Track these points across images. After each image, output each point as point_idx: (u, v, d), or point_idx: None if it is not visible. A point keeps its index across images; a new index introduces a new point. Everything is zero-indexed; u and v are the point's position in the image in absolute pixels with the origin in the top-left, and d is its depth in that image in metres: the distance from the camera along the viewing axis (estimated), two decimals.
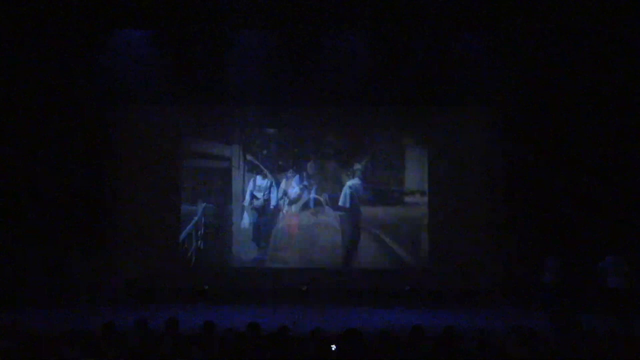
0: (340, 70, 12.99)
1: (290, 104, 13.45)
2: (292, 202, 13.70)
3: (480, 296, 12.82)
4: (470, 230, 13.31)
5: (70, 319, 9.80)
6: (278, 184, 13.62)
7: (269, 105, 13.44)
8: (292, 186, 13.73)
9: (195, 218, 13.43)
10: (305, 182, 13.71)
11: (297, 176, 13.71)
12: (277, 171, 13.63)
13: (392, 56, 12.98)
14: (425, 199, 13.49)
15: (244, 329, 6.33)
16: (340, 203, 13.53)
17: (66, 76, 12.65)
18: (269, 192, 13.69)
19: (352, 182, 13.57)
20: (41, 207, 12.47)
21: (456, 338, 6.18)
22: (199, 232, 13.44)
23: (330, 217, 13.57)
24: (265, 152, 13.67)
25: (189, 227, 13.38)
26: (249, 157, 13.59)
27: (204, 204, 13.45)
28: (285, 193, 13.67)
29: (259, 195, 13.67)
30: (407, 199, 13.54)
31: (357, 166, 13.58)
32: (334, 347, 5.76)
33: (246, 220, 13.64)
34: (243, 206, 13.58)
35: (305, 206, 13.61)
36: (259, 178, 13.71)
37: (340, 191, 13.54)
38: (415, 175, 13.57)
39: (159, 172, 13.34)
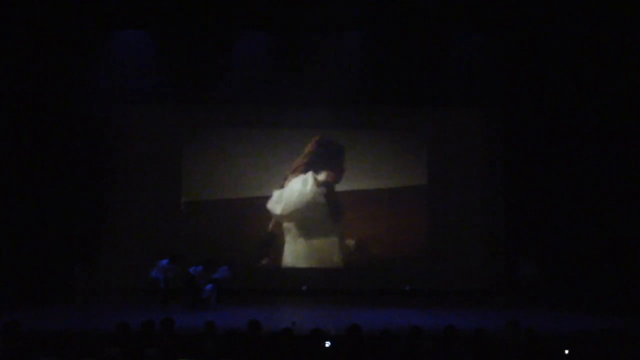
0: (339, 70, 12.99)
1: (289, 104, 13.45)
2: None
3: (480, 296, 12.84)
4: (470, 231, 13.33)
5: (71, 319, 9.79)
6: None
7: (268, 105, 13.46)
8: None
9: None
10: None
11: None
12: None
13: (391, 56, 13.00)
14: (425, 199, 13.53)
15: (244, 329, 6.31)
16: None
17: (66, 76, 12.65)
18: None
19: None
20: (41, 207, 12.46)
21: (456, 338, 6.17)
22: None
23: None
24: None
25: None
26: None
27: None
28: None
29: None
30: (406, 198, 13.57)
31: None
32: (328, 343, 5.76)
33: None
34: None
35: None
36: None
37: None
38: (414, 175, 13.58)
39: (159, 172, 13.34)
